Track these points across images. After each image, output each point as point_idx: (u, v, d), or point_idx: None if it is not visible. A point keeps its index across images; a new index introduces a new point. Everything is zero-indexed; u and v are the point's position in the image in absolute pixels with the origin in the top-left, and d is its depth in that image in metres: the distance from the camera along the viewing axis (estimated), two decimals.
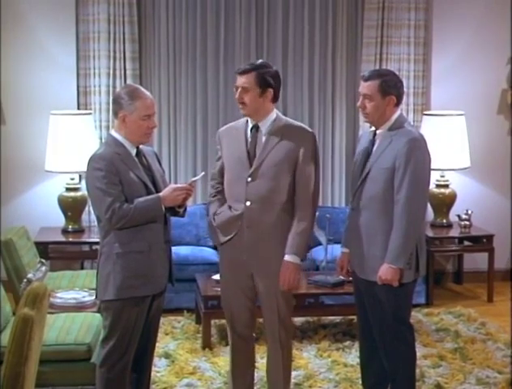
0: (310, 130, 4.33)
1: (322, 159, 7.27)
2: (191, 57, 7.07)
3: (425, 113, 7.00)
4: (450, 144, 6.82)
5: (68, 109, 6.70)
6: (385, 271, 4.12)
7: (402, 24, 7.08)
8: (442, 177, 7.00)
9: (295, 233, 4.18)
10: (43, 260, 5.37)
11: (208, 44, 7.07)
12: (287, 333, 4.35)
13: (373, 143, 4.27)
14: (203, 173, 4.46)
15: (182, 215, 4.26)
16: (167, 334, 5.83)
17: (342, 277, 5.09)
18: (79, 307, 5.05)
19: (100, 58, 6.87)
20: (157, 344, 5.46)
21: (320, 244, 6.10)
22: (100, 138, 6.67)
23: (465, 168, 6.98)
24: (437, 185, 7.01)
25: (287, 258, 4.18)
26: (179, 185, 4.18)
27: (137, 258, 4.04)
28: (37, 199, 6.86)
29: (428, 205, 7.02)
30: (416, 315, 6.23)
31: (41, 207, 6.79)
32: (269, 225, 4.19)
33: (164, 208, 4.07)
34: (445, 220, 7.01)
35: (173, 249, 6.38)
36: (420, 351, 5.43)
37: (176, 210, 4.17)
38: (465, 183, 7.19)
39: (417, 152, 4.11)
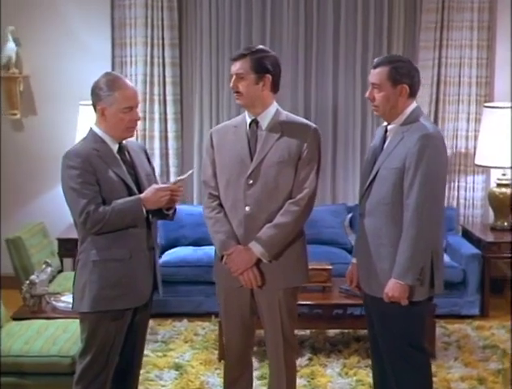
0: (313, 125, 3.81)
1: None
2: (235, 45, 6.64)
3: (486, 105, 6.36)
4: None
5: None
6: (392, 287, 3.60)
7: (464, 7, 6.55)
8: (504, 175, 6.37)
9: (271, 224, 3.69)
10: (48, 261, 5.07)
11: (253, 30, 6.65)
12: (292, 351, 3.91)
13: (384, 139, 3.74)
14: (192, 170, 3.98)
15: (171, 219, 3.84)
16: (186, 342, 5.41)
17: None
18: None
19: (136, 45, 6.55)
20: (171, 354, 5.16)
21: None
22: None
23: None
24: (498, 185, 6.39)
25: (249, 244, 3.71)
26: (162, 185, 3.74)
27: (116, 267, 3.64)
28: None
29: (489, 207, 6.44)
30: (465, 329, 5.66)
31: None
32: None
33: (145, 211, 3.65)
34: (506, 223, 6.35)
35: (204, 249, 6.09)
36: (458, 372, 4.91)
37: (164, 212, 3.76)
38: None
39: (430, 150, 3.55)
